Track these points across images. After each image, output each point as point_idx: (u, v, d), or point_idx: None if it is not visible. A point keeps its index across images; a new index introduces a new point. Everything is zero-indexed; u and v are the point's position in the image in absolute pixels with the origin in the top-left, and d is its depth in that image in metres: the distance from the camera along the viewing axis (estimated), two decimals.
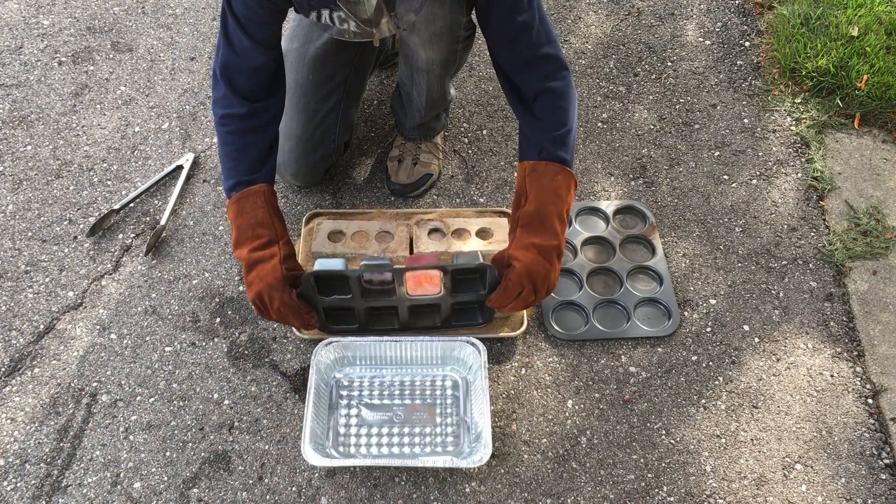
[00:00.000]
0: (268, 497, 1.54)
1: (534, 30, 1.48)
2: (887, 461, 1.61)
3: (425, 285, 1.58)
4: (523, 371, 1.72)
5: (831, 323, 1.81)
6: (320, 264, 1.59)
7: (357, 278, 1.56)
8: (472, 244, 1.84)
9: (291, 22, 1.89)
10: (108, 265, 1.87)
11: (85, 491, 1.54)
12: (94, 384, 1.68)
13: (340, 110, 1.87)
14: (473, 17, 1.65)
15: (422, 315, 1.68)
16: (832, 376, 1.73)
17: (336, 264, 1.59)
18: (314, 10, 1.26)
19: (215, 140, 2.12)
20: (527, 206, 1.49)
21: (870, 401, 1.69)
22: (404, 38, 1.67)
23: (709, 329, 1.80)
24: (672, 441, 1.63)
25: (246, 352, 1.73)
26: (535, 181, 1.50)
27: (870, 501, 1.56)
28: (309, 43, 1.80)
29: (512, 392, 1.69)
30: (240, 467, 1.57)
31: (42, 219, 1.95)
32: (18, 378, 1.68)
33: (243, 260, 1.50)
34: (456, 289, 1.60)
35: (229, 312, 1.80)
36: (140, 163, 2.07)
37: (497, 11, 1.47)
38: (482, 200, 2.01)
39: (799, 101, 2.23)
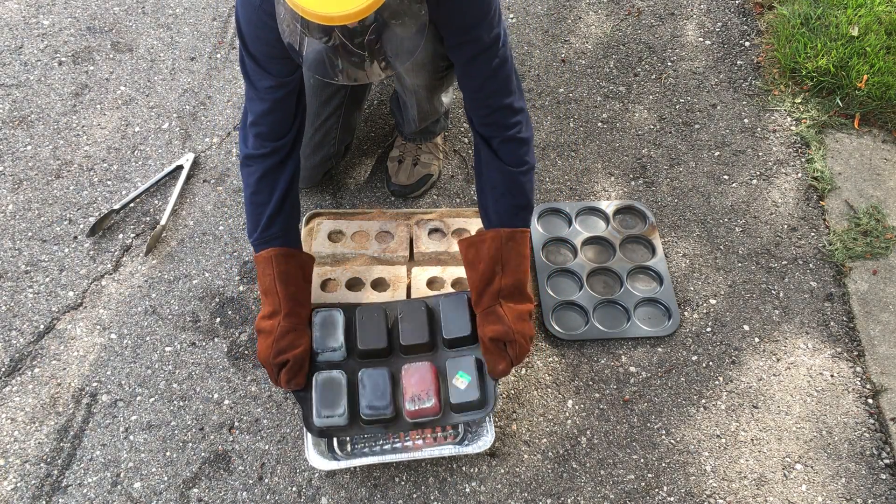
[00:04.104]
0: (268, 497, 1.54)
1: (498, 79, 1.49)
2: (887, 461, 1.61)
3: (423, 412, 1.55)
4: (523, 371, 1.72)
5: (831, 323, 1.81)
6: (320, 327, 1.61)
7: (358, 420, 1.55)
8: None
9: None
10: (108, 265, 1.87)
11: (85, 491, 1.53)
12: (94, 384, 1.68)
13: (342, 114, 1.87)
14: None
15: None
16: (832, 376, 1.73)
17: (336, 350, 1.60)
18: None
19: (215, 140, 2.12)
20: (505, 279, 1.55)
21: (870, 401, 1.69)
22: None
23: (709, 329, 1.80)
24: (672, 441, 1.63)
25: (246, 352, 1.73)
26: (513, 250, 1.56)
27: (870, 501, 1.56)
28: (310, 46, 1.80)
29: (512, 392, 1.69)
30: (240, 467, 1.57)
31: (42, 219, 1.95)
32: (18, 378, 1.68)
33: (256, 323, 1.59)
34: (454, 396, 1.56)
35: (229, 312, 1.80)
36: (140, 163, 2.07)
37: (463, 54, 1.48)
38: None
39: (799, 101, 2.23)
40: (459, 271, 1.80)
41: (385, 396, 1.54)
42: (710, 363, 1.75)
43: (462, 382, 1.55)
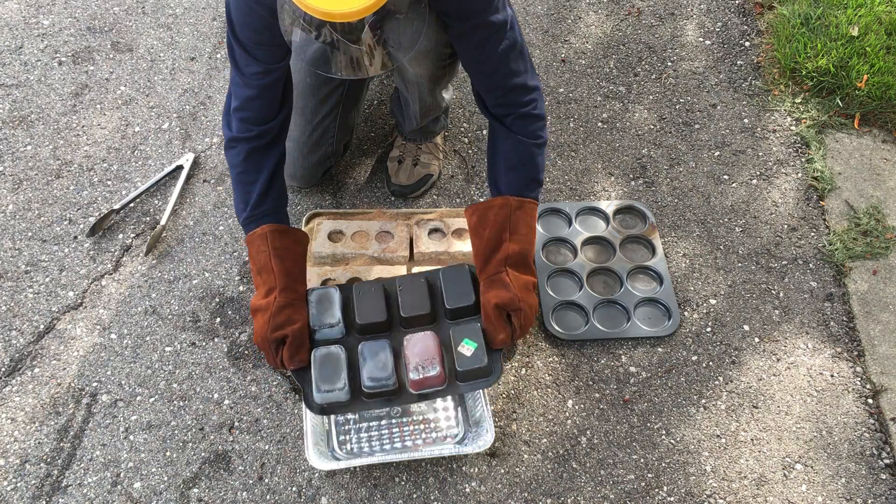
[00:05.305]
0: (268, 497, 1.54)
1: (509, 61, 1.49)
2: (887, 461, 1.61)
3: (428, 381, 1.51)
4: (523, 371, 1.72)
5: (831, 323, 1.81)
6: (316, 309, 1.57)
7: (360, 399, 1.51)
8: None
9: None
10: (108, 265, 1.87)
11: (85, 491, 1.54)
12: (94, 384, 1.68)
13: (339, 113, 1.87)
14: None
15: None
16: (832, 376, 1.73)
17: (333, 322, 1.57)
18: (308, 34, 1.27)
19: (215, 140, 2.12)
20: (513, 246, 1.53)
21: (870, 401, 1.69)
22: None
23: (709, 329, 1.80)
24: (672, 441, 1.64)
25: (246, 352, 1.73)
26: (522, 219, 1.55)
27: (870, 501, 1.56)
28: (307, 45, 1.80)
29: (512, 392, 1.69)
30: (240, 467, 1.57)
31: (42, 219, 1.95)
32: (18, 378, 1.68)
33: (251, 305, 1.57)
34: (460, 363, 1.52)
35: (229, 312, 1.80)
36: (140, 163, 2.07)
37: (472, 40, 1.48)
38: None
39: (799, 101, 2.23)
40: None
41: (387, 367, 1.49)
42: (710, 363, 1.75)
43: (468, 349, 1.50)
